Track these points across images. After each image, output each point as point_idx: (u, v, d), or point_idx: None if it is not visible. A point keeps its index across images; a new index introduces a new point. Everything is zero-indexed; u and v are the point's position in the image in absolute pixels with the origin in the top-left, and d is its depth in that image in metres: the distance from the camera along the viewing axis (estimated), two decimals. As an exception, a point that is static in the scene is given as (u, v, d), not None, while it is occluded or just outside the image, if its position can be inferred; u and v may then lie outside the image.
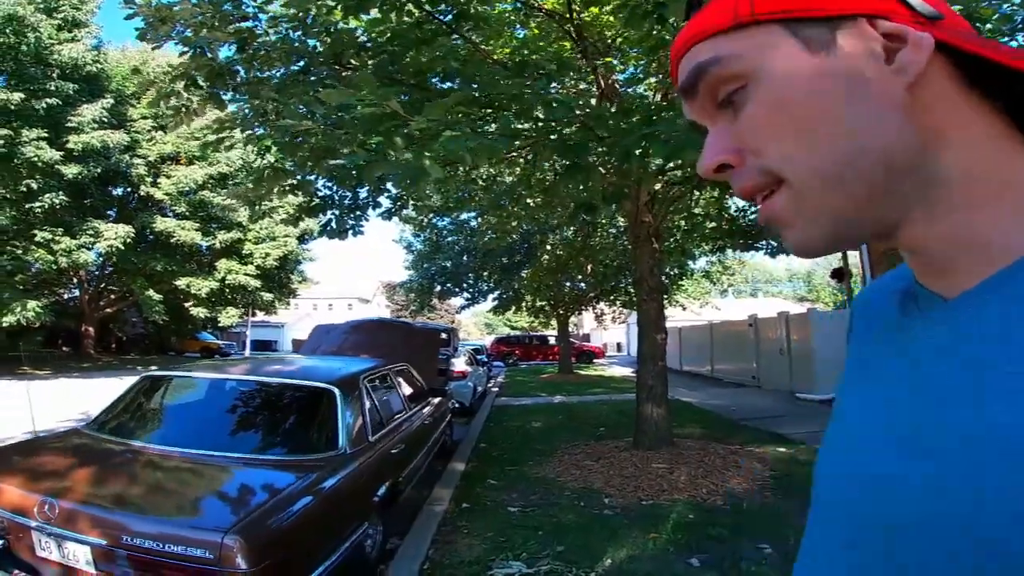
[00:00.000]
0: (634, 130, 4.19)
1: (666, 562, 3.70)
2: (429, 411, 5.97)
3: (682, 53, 0.46)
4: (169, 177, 22.59)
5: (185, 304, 25.79)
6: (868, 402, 0.46)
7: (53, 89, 17.32)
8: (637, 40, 5.32)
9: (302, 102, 4.51)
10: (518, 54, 5.64)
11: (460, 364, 10.91)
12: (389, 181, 6.03)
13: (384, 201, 8.28)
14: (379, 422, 4.32)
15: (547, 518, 4.48)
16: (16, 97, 16.07)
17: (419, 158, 3.31)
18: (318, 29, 4.82)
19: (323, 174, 6.16)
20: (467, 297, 21.51)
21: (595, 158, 4.43)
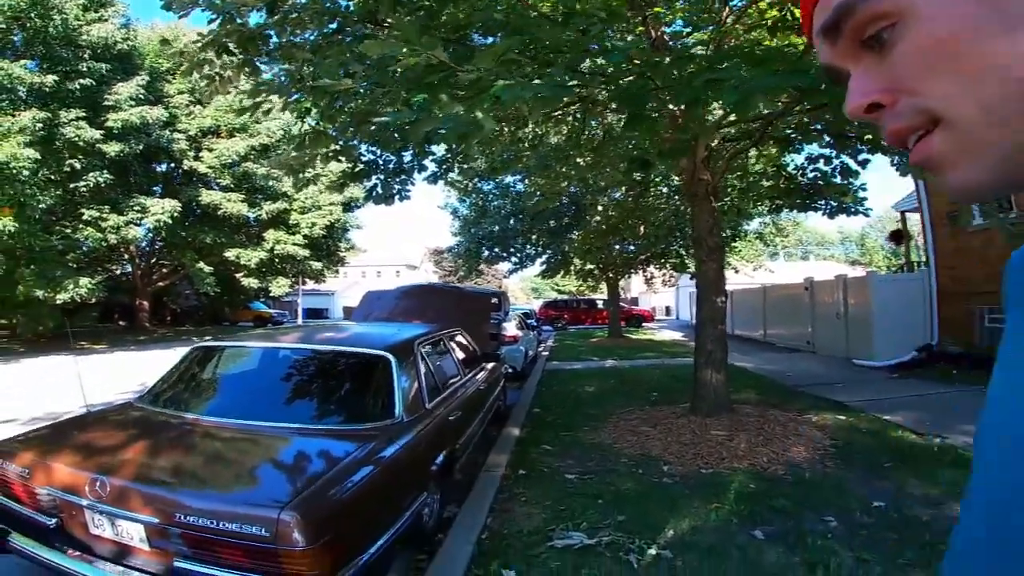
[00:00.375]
0: (695, 79, 3.96)
1: (729, 534, 3.59)
2: (483, 376, 5.94)
3: None
4: (211, 150, 22.77)
5: (236, 275, 26.24)
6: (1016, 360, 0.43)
7: (85, 70, 17.51)
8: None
9: (339, 62, 4.38)
10: (563, 5, 5.38)
11: (511, 329, 10.87)
12: (435, 141, 5.90)
13: (429, 165, 8.16)
14: (435, 388, 4.30)
15: (605, 486, 4.42)
16: (50, 80, 16.31)
17: (471, 110, 3.17)
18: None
19: (365, 139, 6.08)
20: (515, 262, 21.44)
21: (654, 108, 4.19)
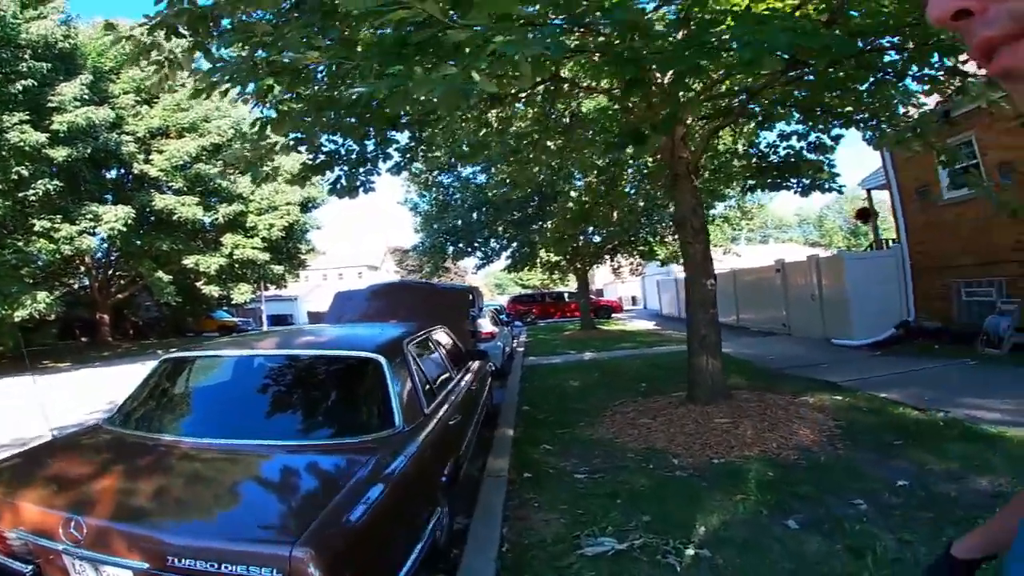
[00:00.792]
0: (686, 47, 3.74)
1: (761, 526, 3.38)
2: (472, 375, 5.63)
3: None
4: (161, 152, 21.86)
5: (196, 283, 25.41)
6: None
7: (26, 70, 16.49)
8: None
9: (302, 35, 3.99)
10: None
11: (487, 325, 10.56)
12: (419, 111, 5.55)
13: (393, 154, 7.79)
14: (430, 391, 3.96)
15: (619, 484, 4.16)
16: (-11, 82, 15.24)
17: (466, 71, 2.84)
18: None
19: (325, 128, 5.71)
20: (480, 256, 21.13)
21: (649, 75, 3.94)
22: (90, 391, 11.19)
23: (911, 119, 6.58)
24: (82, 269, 24.80)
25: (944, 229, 10.44)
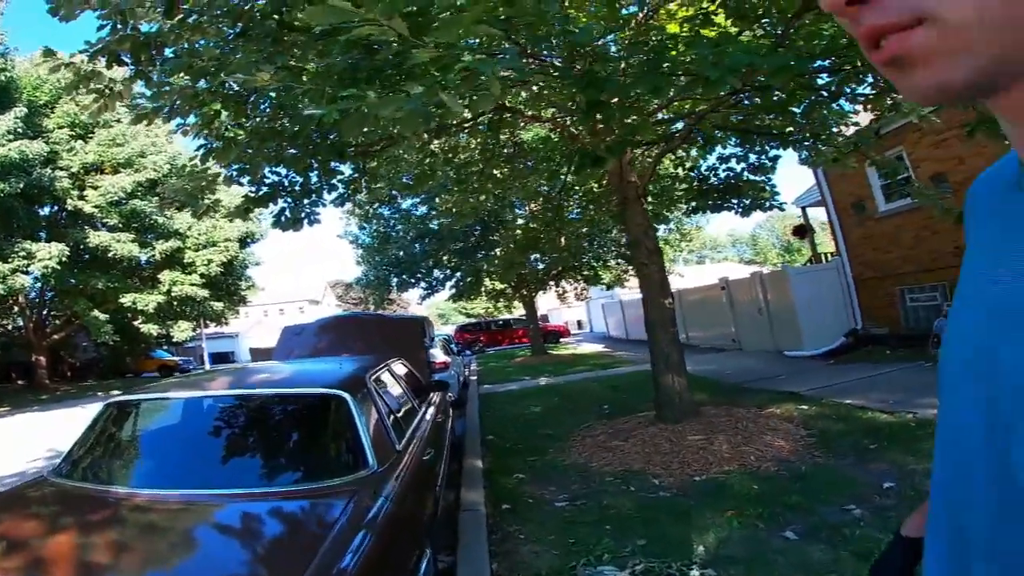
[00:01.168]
0: (657, 63, 3.74)
1: (760, 540, 3.27)
2: (435, 407, 5.37)
3: None
4: (96, 188, 20.96)
5: (134, 322, 24.25)
6: (973, 276, 0.51)
7: None
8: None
9: (250, 60, 3.80)
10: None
11: (440, 354, 10.28)
12: (381, 132, 5.38)
13: (338, 185, 7.55)
14: (398, 426, 3.71)
15: (604, 509, 3.98)
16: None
17: (432, 92, 2.69)
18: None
19: (268, 160, 5.51)
20: (424, 287, 20.81)
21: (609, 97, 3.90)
22: (29, 438, 10.60)
23: (846, 138, 6.84)
24: (15, 309, 23.47)
25: (883, 240, 10.87)
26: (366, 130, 4.06)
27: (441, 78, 2.91)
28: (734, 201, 10.16)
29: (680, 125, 7.05)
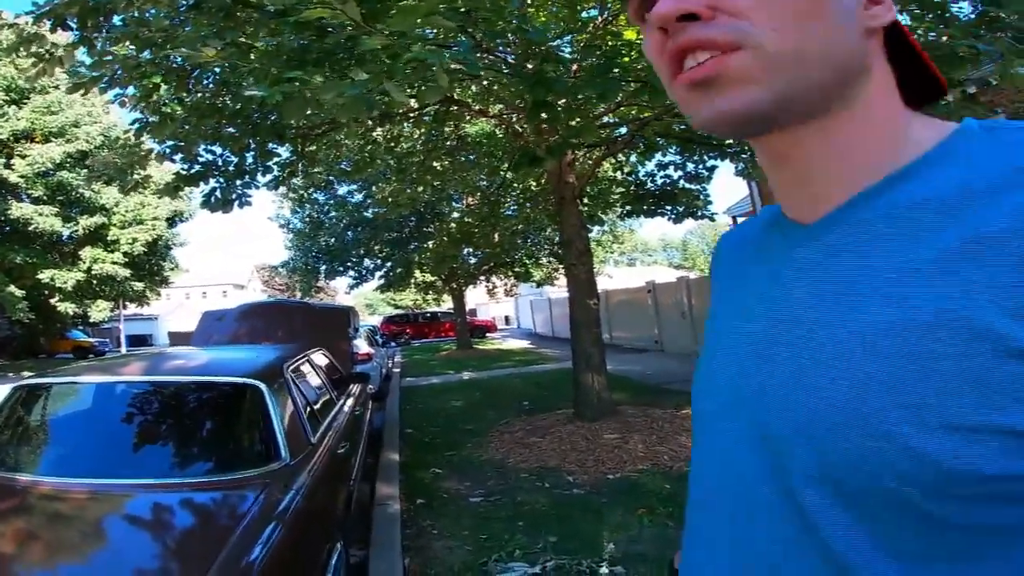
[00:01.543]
0: (608, 67, 3.81)
1: (670, 538, 3.37)
2: (354, 399, 5.28)
3: None
4: (24, 157, 19.62)
5: (51, 300, 22.75)
6: (728, 323, 0.56)
7: None
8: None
9: (197, 34, 3.64)
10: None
11: (364, 346, 10.10)
12: (314, 120, 5.25)
13: (273, 168, 7.31)
14: (314, 418, 3.63)
15: (518, 506, 4.03)
16: None
17: (377, 79, 2.64)
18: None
19: (204, 138, 5.31)
20: (354, 276, 20.39)
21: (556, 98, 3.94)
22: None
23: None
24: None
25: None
26: (309, 113, 3.96)
27: (389, 66, 2.86)
28: (668, 208, 10.47)
29: (623, 130, 7.17)
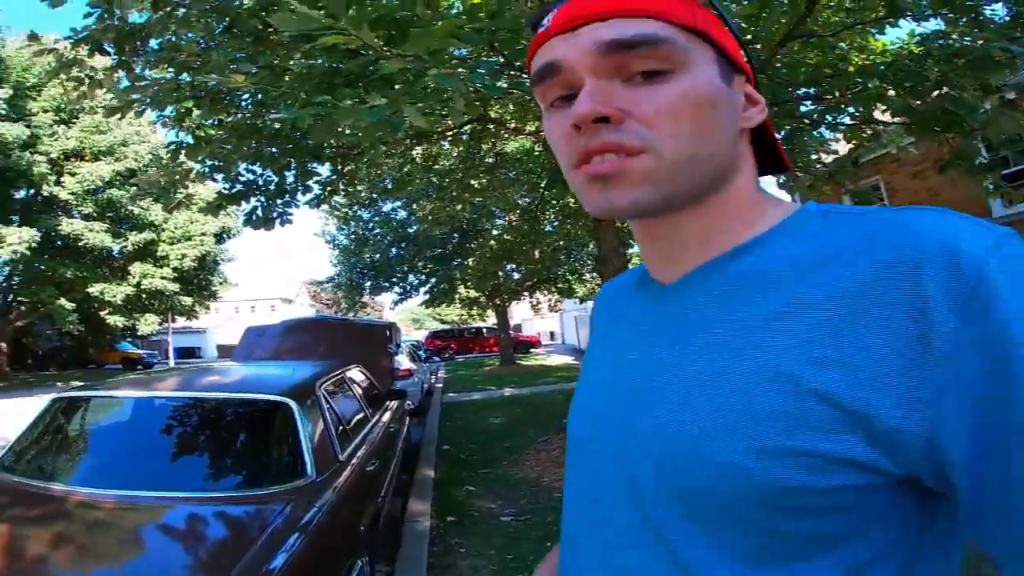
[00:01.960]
0: None
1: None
2: (390, 415, 5.33)
3: (614, 12, 0.50)
4: (74, 175, 20.57)
5: (100, 313, 23.71)
6: (601, 361, 0.63)
7: None
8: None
9: (229, 59, 3.79)
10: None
11: (405, 361, 10.22)
12: (343, 141, 5.37)
13: (313, 186, 7.51)
14: (345, 435, 3.68)
15: (549, 526, 3.99)
16: None
17: (396, 104, 2.69)
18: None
19: (245, 158, 5.49)
20: (398, 292, 20.70)
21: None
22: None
23: (825, 165, 6.96)
24: (-21, 294, 22.92)
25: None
26: (341, 132, 4.07)
27: (406, 90, 2.92)
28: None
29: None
